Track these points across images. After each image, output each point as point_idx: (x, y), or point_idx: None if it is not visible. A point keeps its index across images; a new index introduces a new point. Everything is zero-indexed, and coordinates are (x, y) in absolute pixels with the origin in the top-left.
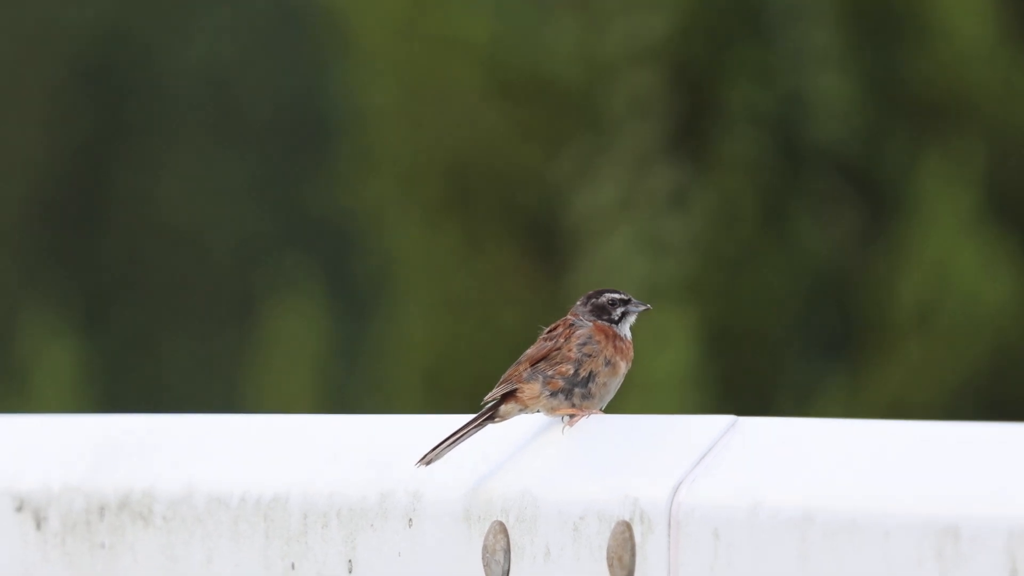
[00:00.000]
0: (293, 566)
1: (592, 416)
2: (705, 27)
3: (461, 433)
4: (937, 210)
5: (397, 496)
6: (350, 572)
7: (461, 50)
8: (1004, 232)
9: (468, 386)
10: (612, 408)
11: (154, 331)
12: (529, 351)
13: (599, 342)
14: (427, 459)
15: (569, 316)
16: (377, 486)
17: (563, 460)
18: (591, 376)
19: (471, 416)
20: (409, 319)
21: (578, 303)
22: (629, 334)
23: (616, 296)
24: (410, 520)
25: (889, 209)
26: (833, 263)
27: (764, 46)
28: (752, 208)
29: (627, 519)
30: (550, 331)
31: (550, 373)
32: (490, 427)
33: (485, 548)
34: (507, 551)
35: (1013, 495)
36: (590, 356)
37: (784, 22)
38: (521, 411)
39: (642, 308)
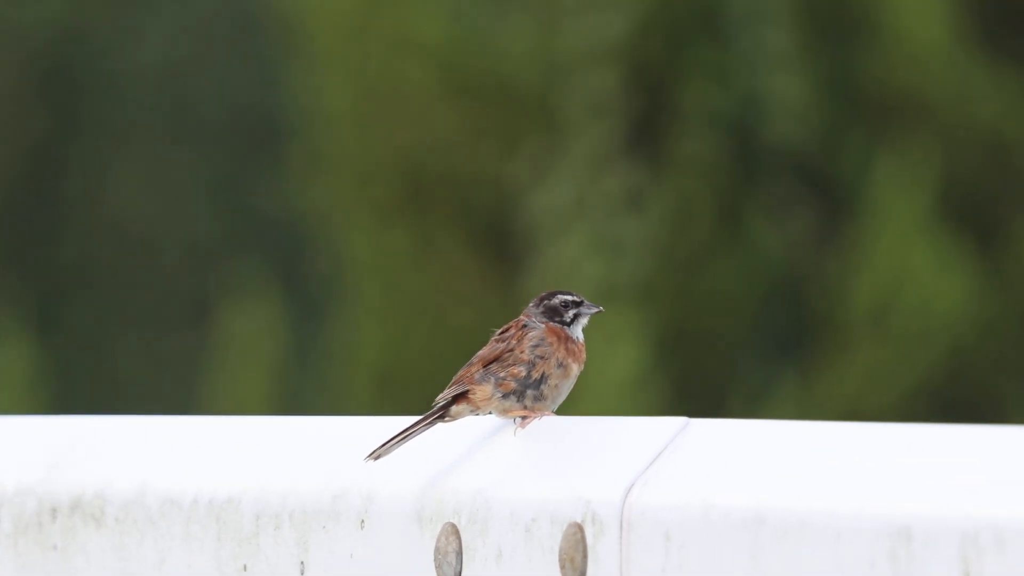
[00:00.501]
0: (245, 568)
1: (544, 418)
2: (662, 28)
3: (411, 430)
4: (892, 211)
5: (349, 498)
6: (302, 574)
7: (416, 51)
8: (958, 234)
9: (420, 388)
10: (564, 410)
11: (107, 333)
12: (481, 352)
13: (551, 344)
14: (376, 454)
15: (522, 317)
16: (329, 488)
17: (515, 462)
18: (543, 378)
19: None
20: (362, 320)
21: (531, 304)
22: (581, 336)
23: (569, 298)
24: (362, 522)
25: (844, 210)
26: (788, 264)
27: (720, 47)
28: (707, 209)
29: (579, 521)
30: (502, 332)
31: (502, 375)
32: (443, 429)
33: (437, 550)
34: (459, 553)
35: (966, 497)
36: (542, 358)
37: (740, 23)
38: (472, 412)
39: (594, 310)
